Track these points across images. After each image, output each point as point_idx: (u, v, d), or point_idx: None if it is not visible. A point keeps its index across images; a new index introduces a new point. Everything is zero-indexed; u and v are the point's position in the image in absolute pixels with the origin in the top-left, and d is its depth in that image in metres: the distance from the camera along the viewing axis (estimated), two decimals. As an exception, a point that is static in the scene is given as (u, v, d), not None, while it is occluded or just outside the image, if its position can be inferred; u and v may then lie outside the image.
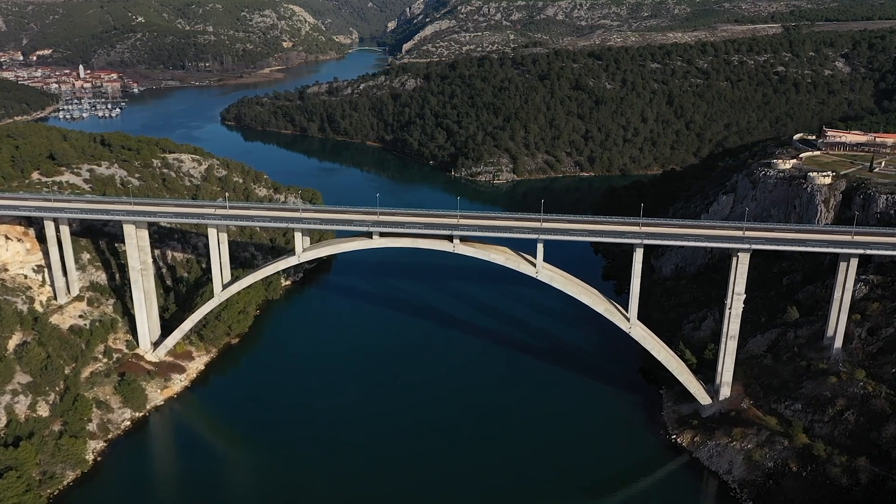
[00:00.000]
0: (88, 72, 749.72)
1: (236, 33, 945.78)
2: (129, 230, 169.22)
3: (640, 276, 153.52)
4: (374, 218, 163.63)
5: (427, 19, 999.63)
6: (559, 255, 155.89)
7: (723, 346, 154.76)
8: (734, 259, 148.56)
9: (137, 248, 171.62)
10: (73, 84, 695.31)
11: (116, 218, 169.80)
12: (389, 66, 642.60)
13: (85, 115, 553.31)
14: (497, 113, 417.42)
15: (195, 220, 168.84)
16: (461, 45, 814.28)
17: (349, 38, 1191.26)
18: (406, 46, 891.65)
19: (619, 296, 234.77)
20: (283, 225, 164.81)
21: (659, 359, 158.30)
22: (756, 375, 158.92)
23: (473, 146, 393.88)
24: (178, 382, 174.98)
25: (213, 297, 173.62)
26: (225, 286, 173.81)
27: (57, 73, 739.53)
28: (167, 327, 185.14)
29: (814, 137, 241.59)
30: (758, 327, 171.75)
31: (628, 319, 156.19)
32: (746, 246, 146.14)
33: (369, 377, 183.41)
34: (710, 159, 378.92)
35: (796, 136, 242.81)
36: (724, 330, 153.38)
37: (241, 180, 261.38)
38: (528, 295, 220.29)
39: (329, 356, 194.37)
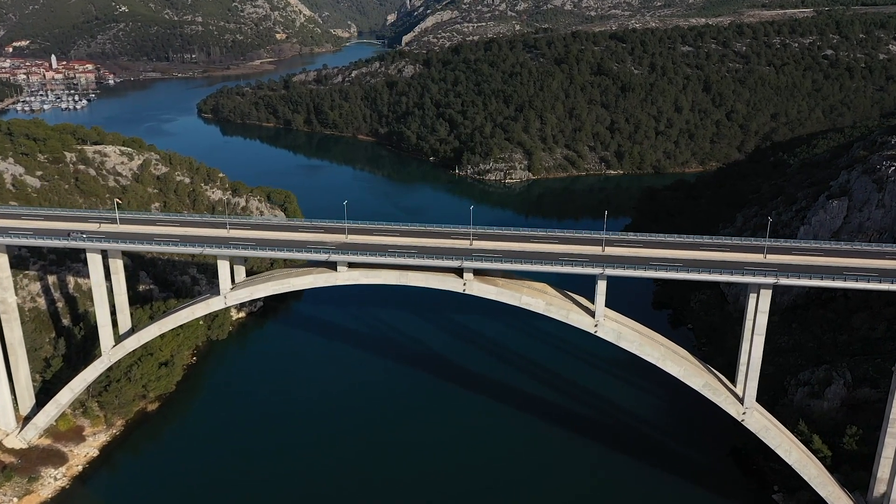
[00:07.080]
0: (63, 63, 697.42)
1: (227, 24, 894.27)
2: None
3: (763, 334, 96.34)
4: (341, 239, 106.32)
5: (428, 10, 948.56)
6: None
7: (889, 441, 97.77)
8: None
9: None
10: (44, 75, 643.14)
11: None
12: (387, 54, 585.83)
13: (46, 106, 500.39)
14: (508, 101, 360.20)
15: (60, 243, 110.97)
16: (464, 37, 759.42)
17: (347, 32, 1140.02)
18: (406, 38, 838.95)
19: (674, 330, 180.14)
20: (198, 249, 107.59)
21: (788, 461, 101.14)
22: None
23: (481, 139, 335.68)
24: (52, 481, 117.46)
25: (101, 355, 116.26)
26: (120, 339, 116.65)
27: (28, 64, 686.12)
28: (50, 392, 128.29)
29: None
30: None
31: (741, 401, 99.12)
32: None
33: (343, 452, 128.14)
34: (757, 154, 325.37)
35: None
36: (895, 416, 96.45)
37: (187, 180, 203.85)
38: (559, 334, 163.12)
39: (289, 425, 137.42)
